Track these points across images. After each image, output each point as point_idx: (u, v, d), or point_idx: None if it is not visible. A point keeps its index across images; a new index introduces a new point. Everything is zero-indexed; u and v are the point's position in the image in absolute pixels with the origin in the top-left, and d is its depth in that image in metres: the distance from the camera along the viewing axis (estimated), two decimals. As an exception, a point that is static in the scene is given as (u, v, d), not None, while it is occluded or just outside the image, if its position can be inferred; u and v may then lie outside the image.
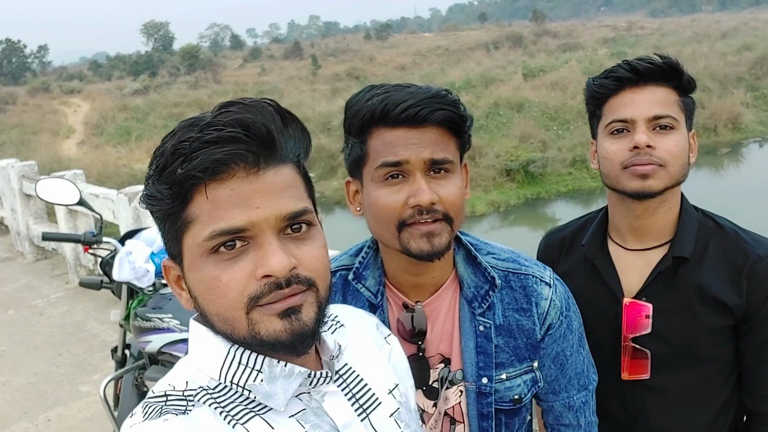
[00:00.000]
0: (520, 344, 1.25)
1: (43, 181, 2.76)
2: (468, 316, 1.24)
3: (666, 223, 1.41)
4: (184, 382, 0.84)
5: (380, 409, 0.94)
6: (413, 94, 1.12)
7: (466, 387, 1.24)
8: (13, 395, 4.32)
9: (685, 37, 39.96)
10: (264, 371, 0.83)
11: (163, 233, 0.84)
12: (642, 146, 1.31)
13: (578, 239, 1.53)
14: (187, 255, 0.81)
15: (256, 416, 0.82)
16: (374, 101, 1.14)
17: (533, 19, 65.04)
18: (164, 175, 0.78)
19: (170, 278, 0.87)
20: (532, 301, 1.25)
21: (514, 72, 30.93)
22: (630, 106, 1.33)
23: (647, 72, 1.33)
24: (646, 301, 1.40)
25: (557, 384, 1.30)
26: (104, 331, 5.16)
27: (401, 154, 1.12)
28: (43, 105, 38.41)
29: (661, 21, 70.75)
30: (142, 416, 0.80)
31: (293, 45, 66.87)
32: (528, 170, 18.25)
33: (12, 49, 71.30)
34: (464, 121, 1.16)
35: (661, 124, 1.33)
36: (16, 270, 7.05)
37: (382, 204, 1.14)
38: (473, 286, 1.24)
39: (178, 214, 0.80)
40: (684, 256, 1.37)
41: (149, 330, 2.68)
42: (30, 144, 25.16)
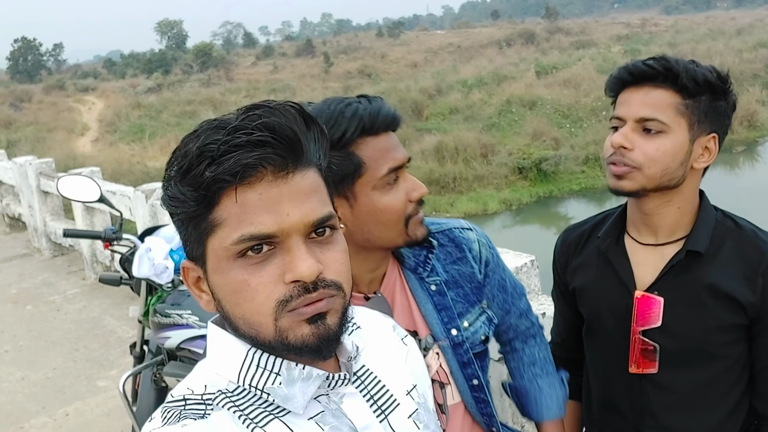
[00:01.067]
0: (467, 291, 1.38)
1: (65, 178, 2.80)
2: (417, 284, 1.35)
3: (677, 220, 1.40)
4: (202, 386, 0.84)
5: (399, 411, 0.94)
6: (373, 104, 1.24)
7: (440, 345, 1.34)
8: (31, 390, 4.38)
9: (699, 34, 39.62)
10: (282, 374, 0.83)
11: (185, 235, 0.84)
12: (615, 146, 1.34)
13: (595, 234, 1.53)
14: (212, 258, 0.81)
15: (275, 419, 0.83)
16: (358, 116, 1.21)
17: (546, 16, 64.76)
18: (189, 177, 0.77)
19: (189, 280, 0.87)
20: (464, 248, 1.39)
21: (526, 69, 30.82)
22: (624, 105, 1.36)
23: (639, 74, 1.34)
24: (658, 294, 1.40)
25: (507, 304, 1.47)
26: (120, 327, 5.20)
27: (397, 160, 1.24)
28: (58, 103, 38.76)
29: (676, 18, 70.19)
30: (161, 421, 0.80)
31: (305, 43, 66.98)
32: (540, 168, 18.18)
33: (28, 48, 71.91)
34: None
35: (647, 126, 1.32)
36: (34, 266, 7.12)
37: (394, 208, 1.24)
38: (412, 256, 1.36)
39: (204, 217, 0.79)
40: (698, 250, 1.37)
41: (168, 326, 2.71)
42: (45, 141, 25.39)
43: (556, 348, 1.68)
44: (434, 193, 16.73)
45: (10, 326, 5.48)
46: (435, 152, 18.80)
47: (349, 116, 1.19)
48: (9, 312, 5.82)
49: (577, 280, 1.55)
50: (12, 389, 4.41)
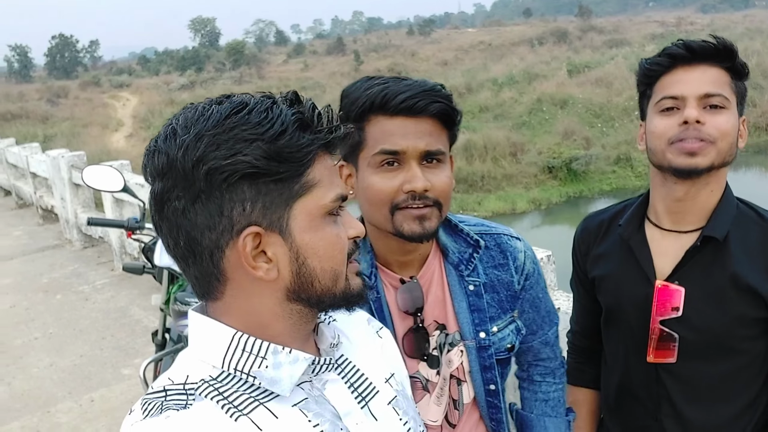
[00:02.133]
0: (502, 297, 1.36)
1: (90, 168, 2.85)
2: (456, 280, 1.33)
3: (705, 206, 1.39)
4: (184, 376, 0.84)
5: (378, 397, 0.95)
6: (411, 86, 1.20)
7: (466, 345, 1.33)
8: (59, 375, 4.48)
9: (737, 33, 38.75)
10: (268, 358, 0.83)
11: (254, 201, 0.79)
12: (692, 121, 1.30)
13: (616, 222, 1.52)
14: (301, 218, 0.82)
15: (260, 405, 0.82)
16: (374, 90, 1.20)
17: (579, 14, 64.03)
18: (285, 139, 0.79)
19: (248, 251, 0.80)
20: (509, 257, 1.37)
21: (558, 68, 30.53)
22: (681, 84, 1.33)
23: (701, 50, 1.33)
24: (679, 284, 1.39)
25: (534, 324, 1.43)
26: (146, 317, 5.29)
27: (399, 144, 1.19)
28: (94, 99, 39.55)
29: (712, 17, 68.81)
30: (142, 414, 0.79)
31: (336, 41, 67.24)
32: (571, 168, 18.00)
33: (65, 44, 73.50)
34: (456, 114, 1.24)
35: (712, 103, 1.32)
36: (65, 257, 7.28)
37: (377, 189, 1.21)
38: (457, 252, 1.35)
39: (295, 180, 0.81)
40: (714, 236, 1.36)
41: (188, 314, 2.75)
42: (80, 136, 25.94)
43: (575, 337, 1.69)
44: (462, 191, 16.68)
45: (40, 314, 5.62)
46: (463, 150, 18.72)
47: (364, 92, 1.21)
48: (40, 300, 5.96)
49: (598, 270, 1.54)
50: (41, 375, 4.51)
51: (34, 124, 29.95)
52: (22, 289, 6.30)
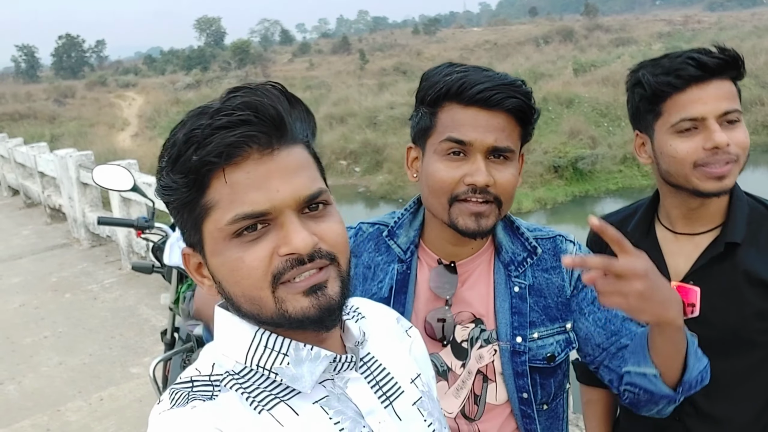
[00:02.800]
0: (550, 303, 1.29)
1: (100, 167, 2.87)
2: (503, 279, 1.29)
3: (718, 209, 1.40)
4: (210, 367, 0.85)
5: (403, 398, 0.95)
6: (491, 77, 1.17)
7: (500, 346, 1.28)
8: (69, 374, 4.51)
9: (744, 31, 38.61)
10: (290, 354, 0.84)
11: (181, 222, 0.84)
12: (723, 147, 1.28)
13: (624, 226, 1.52)
14: (209, 241, 0.82)
15: (281, 402, 0.83)
16: (453, 77, 1.18)
17: (585, 13, 63.87)
18: (178, 164, 0.78)
19: (191, 267, 0.87)
20: (560, 257, 1.29)
21: (564, 67, 30.47)
22: (699, 104, 1.29)
23: (716, 67, 1.29)
24: (694, 284, 1.38)
25: (612, 324, 1.28)
26: (155, 316, 5.32)
27: (468, 135, 1.17)
28: (100, 98, 39.70)
29: (720, 15, 68.51)
30: (170, 403, 0.80)
31: (341, 40, 67.26)
32: (576, 167, 17.97)
33: (71, 44, 73.78)
34: (532, 112, 1.21)
35: (730, 118, 1.30)
36: (73, 256, 7.32)
37: (439, 177, 1.20)
38: (511, 252, 1.30)
39: (196, 202, 0.80)
40: (736, 241, 1.36)
41: (198, 313, 2.76)
42: (87, 136, 26.04)
43: None
44: (467, 190, 16.60)
45: (50, 313, 5.65)
46: (469, 150, 18.66)
47: (443, 77, 1.19)
48: (49, 300, 5.99)
49: None
50: (50, 373, 4.54)
51: (42, 124, 30.11)
52: (31, 288, 6.34)
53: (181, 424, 0.77)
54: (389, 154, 20.43)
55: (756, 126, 19.50)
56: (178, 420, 0.78)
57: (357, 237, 1.35)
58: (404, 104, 24.08)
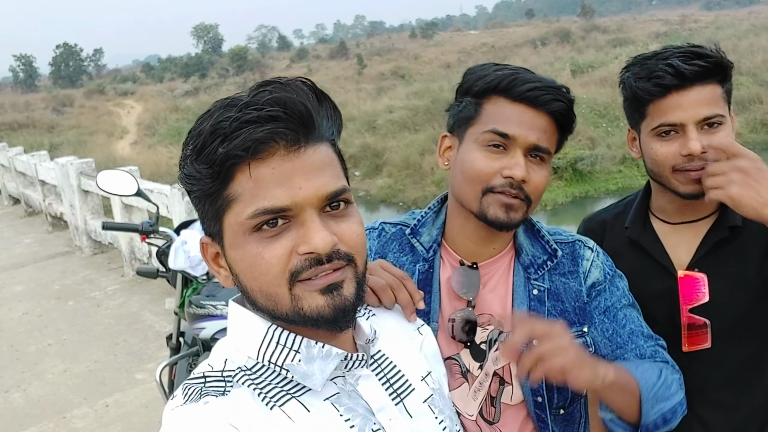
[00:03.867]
0: (567, 308, 1.30)
1: (104, 172, 2.88)
2: (522, 281, 1.30)
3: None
4: (222, 362, 0.86)
5: (414, 395, 0.95)
6: (540, 79, 1.21)
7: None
8: (74, 381, 4.51)
9: (742, 29, 38.62)
10: (302, 351, 0.84)
11: (202, 212, 0.85)
12: (697, 154, 1.31)
13: (619, 223, 1.54)
14: (228, 233, 0.82)
15: (292, 398, 0.83)
16: (504, 72, 1.21)
17: (582, 14, 63.99)
18: (204, 154, 0.78)
19: (208, 256, 0.88)
20: (577, 263, 1.32)
21: (561, 68, 30.47)
22: (678, 111, 1.31)
23: (693, 75, 1.30)
24: (699, 271, 1.40)
25: (619, 337, 1.31)
26: (158, 322, 5.32)
27: (512, 129, 1.19)
28: (99, 107, 39.71)
29: (716, 13, 68.61)
30: (183, 398, 0.81)
31: (339, 45, 67.34)
32: (576, 168, 17.96)
33: (69, 53, 73.85)
34: (573, 120, 1.25)
35: (710, 122, 1.32)
36: (75, 263, 7.32)
37: (477, 166, 1.21)
38: (531, 255, 1.31)
39: (219, 193, 0.80)
40: (737, 225, 1.38)
41: (203, 317, 2.77)
42: (86, 144, 26.04)
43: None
44: (468, 192, 16.61)
45: (53, 321, 5.65)
46: (468, 152, 18.67)
47: (494, 71, 1.22)
48: (52, 307, 6.00)
49: None
50: (55, 381, 4.55)
51: (41, 133, 30.10)
52: (34, 296, 6.35)
53: (195, 420, 0.78)
54: (389, 157, 20.43)
55: (755, 124, 19.49)
56: (192, 415, 0.78)
57: (380, 237, 1.35)
58: (403, 108, 24.10)
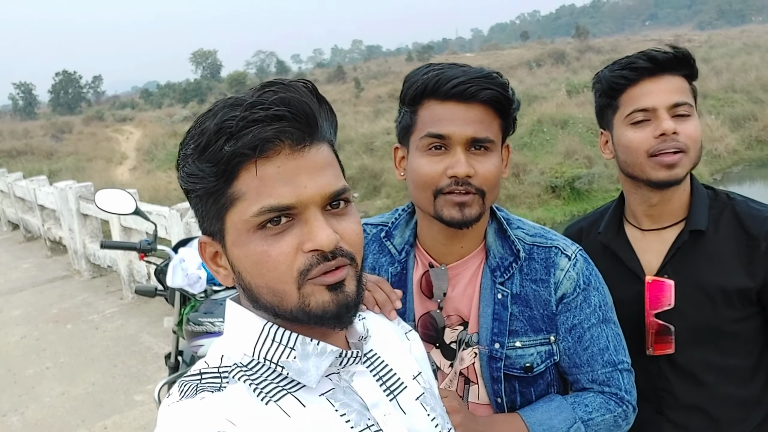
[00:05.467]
0: (535, 314, 1.29)
1: (102, 191, 2.90)
2: (489, 284, 1.30)
3: (679, 204, 1.46)
4: (218, 359, 0.86)
5: (406, 392, 0.96)
6: (466, 72, 1.21)
7: (479, 350, 1.30)
8: (72, 404, 4.48)
9: (734, 48, 39.03)
10: (297, 349, 0.85)
11: (202, 211, 0.85)
12: (669, 133, 1.36)
13: (595, 228, 1.58)
14: (231, 231, 0.82)
15: (288, 394, 0.84)
16: (429, 75, 1.22)
17: (576, 35, 64.57)
18: (208, 153, 0.79)
19: (206, 255, 0.88)
20: (550, 271, 1.29)
21: (557, 89, 30.69)
22: (651, 95, 1.38)
23: (666, 61, 1.38)
24: (668, 277, 1.44)
25: (577, 357, 1.31)
26: (157, 344, 5.31)
27: (446, 129, 1.20)
28: (98, 133, 39.81)
29: (709, 33, 69.28)
30: (179, 395, 0.81)
31: (336, 69, 67.85)
32: (573, 187, 18.02)
33: (68, 80, 74.32)
34: (510, 103, 1.24)
35: (680, 112, 1.38)
36: (74, 287, 7.32)
37: (422, 171, 1.23)
38: (498, 257, 1.31)
39: (223, 192, 0.81)
40: (700, 229, 1.42)
41: (201, 334, 2.77)
42: (85, 171, 26.05)
43: None
44: (466, 213, 16.64)
45: (51, 344, 5.63)
46: (466, 173, 18.73)
47: (421, 76, 1.23)
48: (51, 330, 5.98)
49: None
50: (53, 404, 4.52)
51: (39, 160, 30.16)
52: (32, 319, 6.33)
53: (190, 416, 0.78)
54: (387, 179, 20.48)
55: (750, 141, 19.60)
56: (187, 411, 0.79)
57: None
58: (400, 130, 24.21)
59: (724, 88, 23.71)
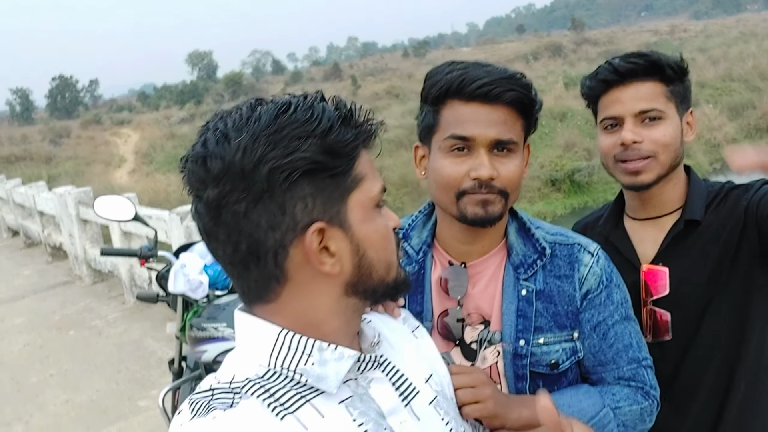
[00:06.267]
0: (560, 311, 1.29)
1: (101, 198, 2.87)
2: (512, 281, 1.29)
3: (674, 195, 1.49)
4: (230, 375, 0.84)
5: (419, 397, 0.95)
6: (490, 72, 1.20)
7: (503, 348, 1.29)
8: (76, 412, 4.47)
9: (731, 37, 39.00)
10: (314, 355, 0.84)
11: (322, 197, 0.81)
12: (628, 143, 1.40)
13: (599, 224, 1.62)
14: (357, 211, 0.84)
15: (306, 403, 0.82)
16: (453, 75, 1.21)
17: (572, 28, 64.54)
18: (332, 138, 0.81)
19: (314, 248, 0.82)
20: (574, 267, 1.30)
21: (554, 82, 30.67)
22: (617, 104, 1.43)
23: (628, 72, 1.42)
24: (663, 265, 1.47)
25: (603, 355, 1.31)
26: (160, 349, 5.29)
27: (470, 130, 1.20)
28: (96, 137, 39.80)
29: (705, 23, 69.25)
30: (190, 414, 0.79)
31: (333, 67, 67.83)
32: (573, 179, 18.04)
33: (65, 85, 74.28)
34: (533, 104, 1.23)
35: (649, 116, 1.41)
36: (76, 293, 7.30)
37: (445, 173, 1.23)
38: (521, 254, 1.31)
39: (347, 174, 0.84)
40: (695, 218, 1.45)
41: (204, 339, 2.75)
42: (84, 175, 26.05)
43: None
44: (466, 208, 16.67)
45: (54, 351, 5.62)
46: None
47: (444, 75, 1.22)
48: (53, 338, 5.96)
49: None
50: (57, 412, 4.50)
51: (38, 165, 30.15)
52: (35, 327, 6.32)
53: None
54: (387, 176, 20.48)
55: (749, 129, 19.61)
56: (200, 431, 0.77)
57: None
58: (398, 127, 24.17)
59: (721, 77, 23.71)
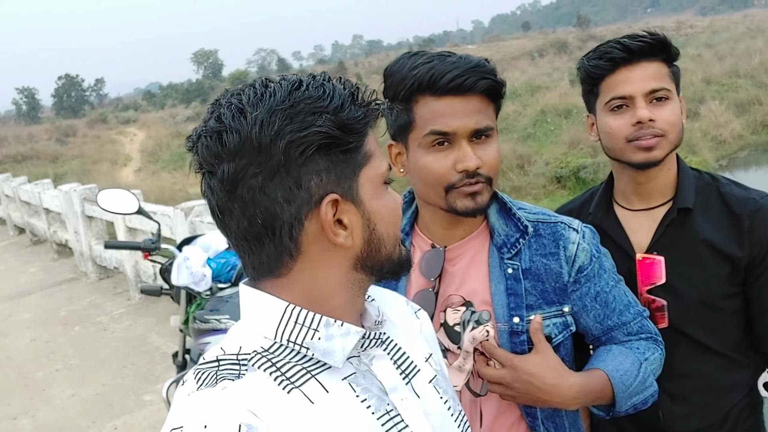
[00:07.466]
0: (547, 288, 1.31)
1: (104, 191, 2.89)
2: (497, 261, 1.31)
3: (667, 183, 1.50)
4: (237, 347, 0.84)
5: (420, 376, 0.96)
6: (456, 64, 1.20)
7: (498, 328, 1.29)
8: (83, 406, 4.50)
9: (737, 33, 38.78)
10: (321, 330, 0.84)
11: (335, 173, 0.83)
12: (645, 121, 1.40)
13: (585, 209, 1.61)
14: (367, 186, 0.86)
15: (311, 378, 0.83)
16: (420, 70, 1.21)
17: (578, 24, 64.37)
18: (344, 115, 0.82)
19: (329, 219, 0.83)
20: (560, 245, 1.32)
21: (560, 78, 30.59)
22: (627, 83, 1.42)
23: (639, 50, 1.41)
24: (658, 254, 1.48)
25: (609, 320, 1.35)
26: (165, 344, 5.31)
27: (449, 125, 1.21)
28: (102, 135, 39.95)
29: (712, 19, 68.91)
30: (196, 384, 0.79)
31: (338, 65, 67.86)
32: (579, 176, 17.93)
33: (71, 84, 74.59)
34: (502, 87, 1.25)
35: (657, 96, 1.42)
36: (81, 289, 7.34)
37: (431, 169, 1.24)
38: (503, 234, 1.32)
39: (358, 150, 0.85)
40: (688, 206, 1.46)
41: (208, 332, 2.76)
42: (90, 173, 26.12)
43: None
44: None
45: (60, 347, 5.65)
46: (470, 165, 18.73)
47: (410, 72, 1.22)
48: (59, 333, 6.00)
49: None
50: (64, 406, 4.54)
51: (44, 164, 30.28)
52: (41, 323, 6.36)
53: (212, 406, 0.75)
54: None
55: (756, 126, 19.46)
56: (209, 402, 0.76)
57: None
58: (403, 124, 24.19)
59: (728, 73, 23.56)
